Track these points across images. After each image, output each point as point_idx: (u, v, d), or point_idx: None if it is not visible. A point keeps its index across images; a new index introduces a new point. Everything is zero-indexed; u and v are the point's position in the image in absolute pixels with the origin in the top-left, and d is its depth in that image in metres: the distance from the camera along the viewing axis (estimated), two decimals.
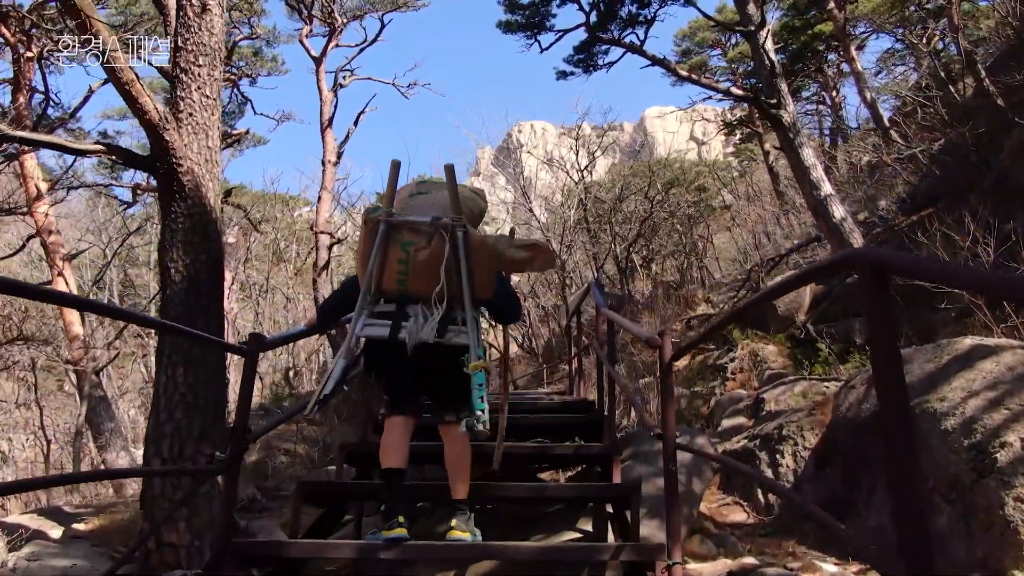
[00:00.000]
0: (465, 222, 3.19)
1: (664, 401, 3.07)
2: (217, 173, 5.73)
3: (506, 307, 3.65)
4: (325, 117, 16.31)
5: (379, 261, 3.23)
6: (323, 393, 3.28)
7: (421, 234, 3.21)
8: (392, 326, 3.25)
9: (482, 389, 3.17)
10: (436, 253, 3.18)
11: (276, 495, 7.09)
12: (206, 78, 5.68)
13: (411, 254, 3.19)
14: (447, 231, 3.16)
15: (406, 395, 3.49)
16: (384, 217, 3.22)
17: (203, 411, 5.15)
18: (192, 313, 5.23)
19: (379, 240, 3.20)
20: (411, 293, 3.26)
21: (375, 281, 3.27)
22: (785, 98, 12.21)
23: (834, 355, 8.89)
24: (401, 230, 3.24)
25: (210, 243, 5.45)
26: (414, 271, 3.21)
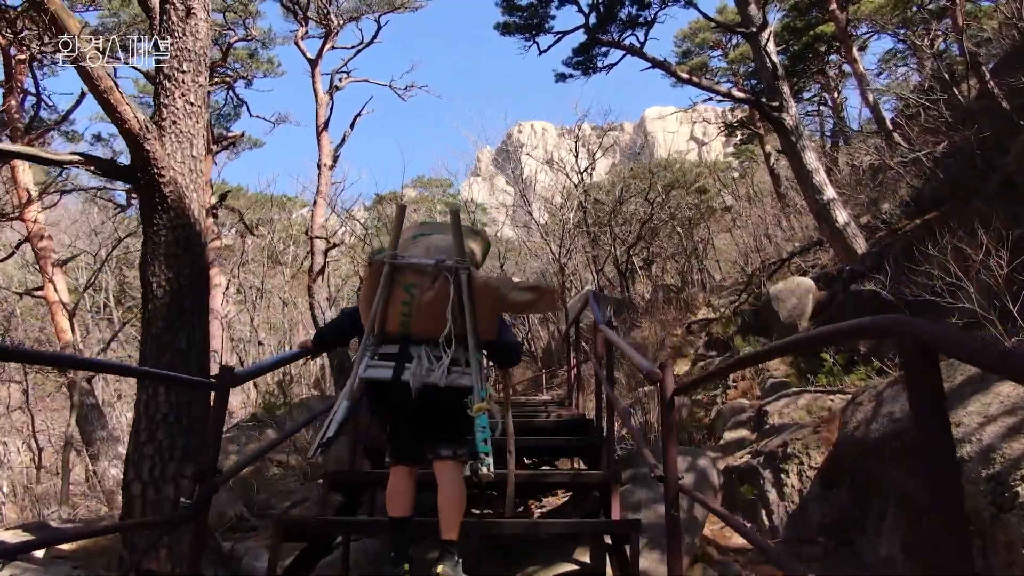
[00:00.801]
0: (468, 264, 3.20)
1: (666, 440, 2.88)
2: (202, 183, 5.53)
3: (506, 351, 3.61)
4: (321, 120, 16.12)
5: (383, 302, 3.23)
6: (326, 436, 3.26)
7: (425, 276, 3.22)
8: (395, 368, 3.22)
9: (486, 432, 3.18)
10: (440, 295, 3.18)
11: (265, 513, 6.89)
12: (190, 84, 5.48)
13: (415, 296, 3.20)
14: (451, 273, 3.17)
15: (409, 443, 3.47)
16: (389, 259, 3.23)
17: (186, 432, 4.96)
18: (175, 328, 5.05)
19: (383, 282, 3.21)
20: (414, 335, 3.25)
21: (378, 322, 3.26)
22: (787, 101, 12.04)
23: (839, 366, 8.68)
24: (405, 272, 3.24)
25: (194, 256, 5.25)
26: (418, 313, 3.21)
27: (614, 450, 4.49)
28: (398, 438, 3.47)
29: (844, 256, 11.52)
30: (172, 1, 5.50)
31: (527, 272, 25.25)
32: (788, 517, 5.62)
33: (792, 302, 11.58)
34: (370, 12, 18.22)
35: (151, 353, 5.04)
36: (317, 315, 14.32)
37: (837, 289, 11.40)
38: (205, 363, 5.36)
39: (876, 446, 4.92)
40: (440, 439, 3.37)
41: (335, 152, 16.43)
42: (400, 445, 3.47)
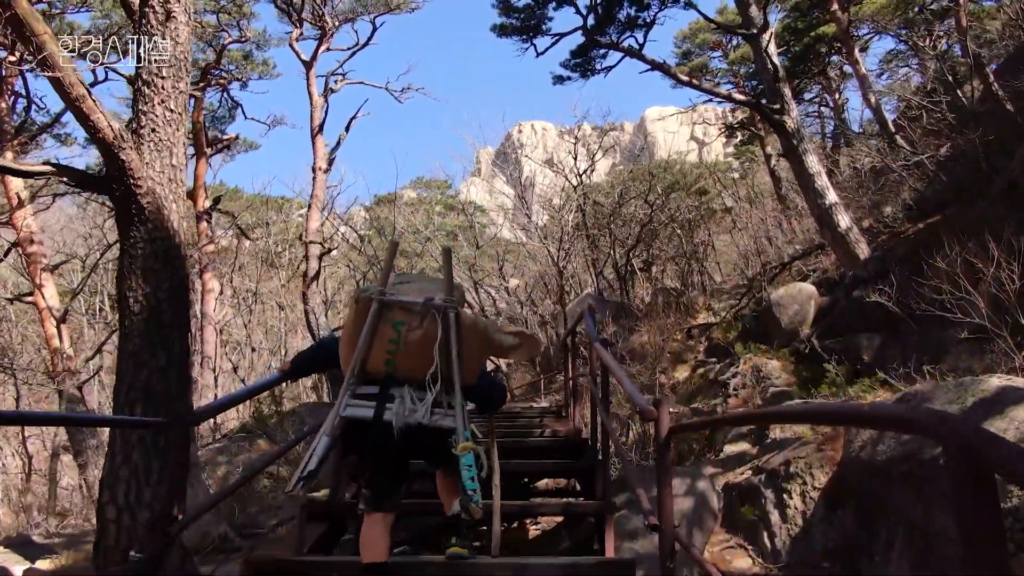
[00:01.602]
0: (457, 304, 3.22)
1: (661, 484, 2.68)
2: (182, 193, 5.32)
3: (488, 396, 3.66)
4: (315, 123, 15.92)
5: (368, 340, 3.20)
6: (307, 469, 3.15)
7: (413, 314, 3.22)
8: (376, 407, 3.19)
9: (472, 470, 3.11)
10: (428, 333, 3.17)
11: (252, 532, 6.67)
12: (170, 91, 5.27)
13: (402, 334, 3.19)
14: (439, 312, 3.18)
15: (388, 491, 3.39)
16: (377, 296, 3.21)
17: (163, 453, 4.74)
18: (153, 345, 4.83)
19: (371, 319, 3.18)
20: (398, 374, 3.23)
21: (360, 361, 3.22)
22: (788, 103, 11.85)
23: (841, 376, 8.48)
24: (393, 309, 3.23)
25: (173, 269, 5.04)
26: (404, 351, 3.20)
27: (609, 477, 4.29)
28: (377, 480, 3.39)
29: (846, 261, 11.33)
30: (151, 4, 5.29)
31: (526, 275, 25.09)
32: (791, 540, 5.41)
33: (794, 308, 11.39)
34: (365, 13, 18.03)
35: (128, 371, 4.83)
36: (312, 321, 14.13)
37: (839, 295, 11.22)
38: (186, 381, 5.15)
39: (883, 469, 4.72)
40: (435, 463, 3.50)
41: (330, 155, 16.23)
42: (378, 488, 3.38)
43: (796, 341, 10.82)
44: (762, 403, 9.58)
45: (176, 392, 4.92)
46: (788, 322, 11.23)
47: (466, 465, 3.08)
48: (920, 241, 10.81)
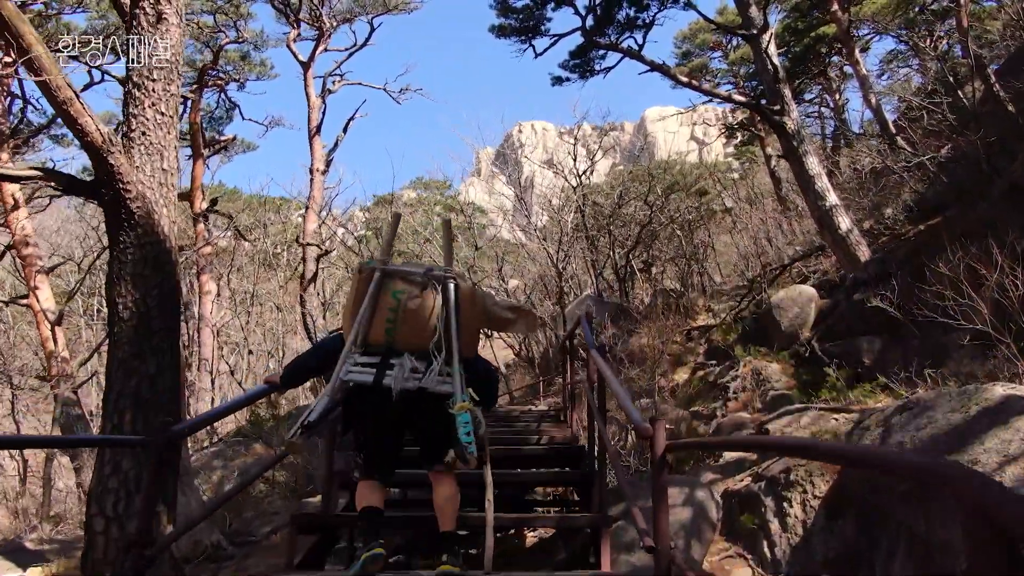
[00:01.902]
0: (456, 275, 3.31)
1: (657, 505, 2.60)
2: (173, 197, 5.25)
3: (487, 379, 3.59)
4: (313, 124, 15.83)
5: (369, 309, 3.26)
6: (308, 420, 3.19)
7: (414, 284, 3.30)
8: (376, 373, 3.22)
9: (468, 426, 3.13)
10: (427, 303, 3.25)
11: (245, 540, 6.58)
12: (161, 94, 5.20)
13: (402, 302, 3.26)
14: (439, 282, 3.27)
15: (382, 461, 3.47)
16: (380, 265, 3.31)
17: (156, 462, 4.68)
18: (142, 353, 4.76)
19: (372, 288, 3.26)
20: (397, 344, 3.28)
21: (362, 331, 3.28)
22: (788, 104, 11.77)
23: (842, 380, 8.40)
24: (394, 279, 3.32)
25: (163, 275, 4.97)
26: (403, 320, 3.26)
27: (605, 489, 4.20)
28: (373, 449, 3.44)
29: (847, 263, 11.25)
30: (142, 5, 5.22)
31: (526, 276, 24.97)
32: (791, 549, 5.32)
33: (794, 311, 11.31)
34: (363, 14, 17.92)
35: (117, 378, 4.76)
36: (309, 323, 14.04)
37: (840, 298, 11.14)
38: (177, 388, 5.08)
39: (884, 480, 4.64)
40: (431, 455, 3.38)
41: (327, 157, 16.14)
42: (373, 458, 3.44)
43: (796, 344, 10.73)
44: (762, 407, 9.50)
45: (166, 399, 4.85)
46: (788, 325, 11.15)
47: (462, 422, 3.11)
48: (921, 243, 10.74)
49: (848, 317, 10.12)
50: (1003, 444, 3.93)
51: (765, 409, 9.29)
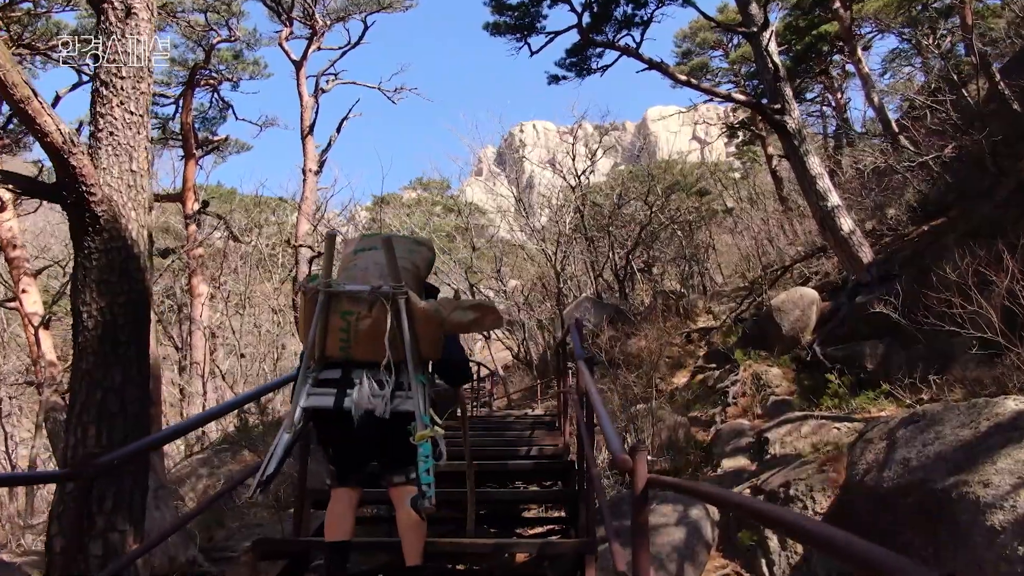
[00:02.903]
0: (405, 289, 3.10)
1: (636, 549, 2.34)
2: (144, 200, 5.01)
3: (453, 369, 3.58)
4: (306, 123, 15.59)
5: (321, 330, 3.14)
6: (266, 473, 3.09)
7: (361, 303, 3.14)
8: (337, 394, 3.14)
9: (429, 462, 3.06)
10: (378, 322, 3.10)
11: (223, 556, 6.32)
12: (130, 92, 4.96)
13: (352, 323, 3.13)
14: (387, 300, 3.10)
15: (352, 466, 3.38)
16: (323, 287, 3.12)
17: (117, 480, 4.44)
18: (108, 364, 4.52)
19: (319, 310, 3.11)
20: (355, 358, 3.18)
21: (319, 348, 3.18)
22: (790, 103, 11.52)
23: (844, 387, 8.16)
24: (341, 299, 3.16)
25: (131, 283, 4.72)
26: (356, 339, 3.14)
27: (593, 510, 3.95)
28: (341, 461, 3.37)
29: (849, 265, 11.01)
30: (110, 0, 4.98)
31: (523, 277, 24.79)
32: (791, 569, 5.07)
33: (795, 314, 11.09)
34: (357, 12, 17.66)
35: (82, 391, 4.52)
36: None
37: (841, 300, 10.91)
38: (147, 401, 4.84)
39: (889, 499, 4.39)
40: (391, 466, 3.33)
41: (321, 157, 15.91)
42: (343, 468, 3.37)
43: (797, 348, 10.52)
44: (762, 413, 9.27)
45: (134, 414, 4.62)
46: (789, 328, 10.93)
47: (423, 456, 3.03)
48: (925, 244, 10.52)
49: (850, 320, 9.91)
50: (1017, 465, 3.67)
51: (765, 415, 9.07)
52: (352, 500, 3.36)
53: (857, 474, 4.95)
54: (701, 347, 14.10)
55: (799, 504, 5.32)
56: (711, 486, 1.95)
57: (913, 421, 4.77)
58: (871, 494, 4.64)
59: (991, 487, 3.65)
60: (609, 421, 3.06)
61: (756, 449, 7.47)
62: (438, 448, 3.12)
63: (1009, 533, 3.44)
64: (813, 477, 5.46)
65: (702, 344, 14.24)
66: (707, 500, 2.15)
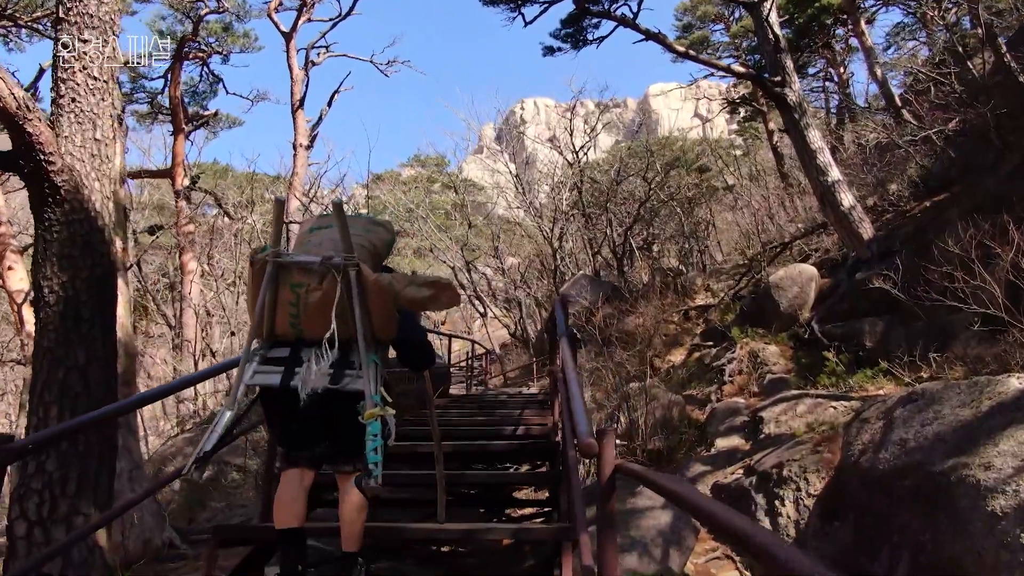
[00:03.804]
0: (357, 261, 2.95)
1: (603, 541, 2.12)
2: (109, 170, 4.80)
3: (411, 349, 3.40)
4: (296, 97, 15.31)
5: (270, 303, 2.99)
6: (203, 450, 2.93)
7: (312, 275, 2.98)
8: (284, 372, 2.97)
9: (377, 440, 2.91)
10: (328, 294, 2.95)
11: (200, 539, 6.13)
12: (94, 56, 4.73)
13: (301, 296, 2.98)
14: (338, 271, 2.95)
15: (301, 444, 3.19)
16: (272, 257, 2.97)
17: (83, 460, 4.27)
18: (69, 342, 4.34)
19: (267, 281, 2.96)
20: (306, 336, 3.02)
21: (267, 324, 3.04)
22: (790, 75, 11.23)
23: (842, 365, 7.97)
24: (291, 270, 3.00)
25: (95, 257, 4.53)
26: (306, 313, 2.99)
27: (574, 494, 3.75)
28: (289, 440, 3.21)
29: (849, 241, 10.78)
30: None
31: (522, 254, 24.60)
32: None
33: (793, 291, 10.87)
34: None
35: (43, 369, 4.34)
36: None
37: (841, 277, 10.72)
38: (111, 382, 4.65)
39: (885, 481, 4.19)
40: (339, 452, 3.20)
41: (312, 132, 15.62)
42: (291, 447, 3.20)
43: (795, 325, 10.34)
44: (758, 391, 9.11)
45: (98, 393, 4.43)
46: (787, 305, 10.73)
47: (371, 435, 2.90)
48: (927, 220, 10.32)
49: (850, 297, 9.73)
50: (1020, 447, 3.46)
51: (762, 393, 8.90)
52: (303, 482, 3.20)
53: (852, 455, 4.75)
54: (699, 325, 13.91)
55: (792, 486, 5.12)
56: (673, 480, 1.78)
57: (911, 400, 4.58)
58: (866, 476, 4.44)
59: (992, 470, 3.44)
60: (581, 401, 2.85)
61: (751, 428, 7.29)
62: (387, 428, 2.98)
63: (1011, 520, 3.24)
64: (807, 458, 5.27)
65: (700, 322, 14.05)
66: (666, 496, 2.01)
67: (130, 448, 5.81)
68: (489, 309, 22.88)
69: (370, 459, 2.90)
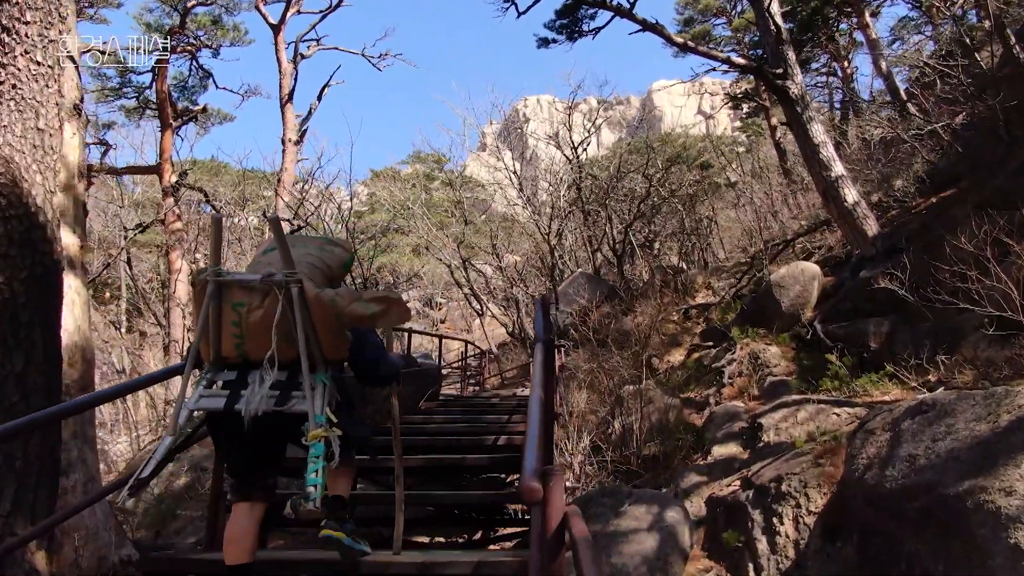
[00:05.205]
0: (299, 277, 2.84)
1: None
2: (53, 162, 4.45)
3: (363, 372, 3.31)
4: (285, 91, 14.97)
5: (214, 324, 2.91)
6: (139, 477, 2.79)
7: (254, 293, 2.90)
8: (229, 396, 2.88)
9: (319, 463, 2.80)
10: (270, 313, 2.86)
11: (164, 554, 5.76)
12: (37, 39, 4.39)
13: (243, 315, 2.89)
14: (280, 288, 2.84)
15: (251, 476, 3.02)
16: (212, 276, 2.87)
17: (19, 476, 3.94)
18: (7, 348, 4.00)
19: (208, 301, 2.87)
20: (251, 357, 2.92)
21: (213, 347, 2.94)
22: (792, 68, 10.88)
23: (845, 368, 7.62)
24: (232, 289, 2.92)
25: (36, 255, 4.18)
26: (249, 334, 2.90)
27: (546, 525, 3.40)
28: (238, 470, 3.07)
29: (853, 238, 10.44)
30: None
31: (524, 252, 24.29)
32: (780, 575, 4.53)
33: (795, 290, 10.52)
34: None
35: None
36: None
37: (845, 275, 10.37)
38: (54, 391, 4.31)
39: (893, 501, 3.83)
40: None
41: (301, 126, 15.27)
42: (240, 477, 3.04)
43: (797, 325, 10.00)
44: (759, 393, 8.76)
45: (38, 402, 4.09)
46: (789, 304, 10.38)
47: (313, 456, 2.79)
48: (933, 217, 9.99)
49: (854, 296, 9.39)
50: None
51: (762, 396, 8.57)
52: (255, 515, 3.01)
53: (856, 469, 4.38)
54: (699, 324, 13.58)
55: (792, 502, 4.75)
56: None
57: (921, 411, 4.21)
58: (871, 494, 4.07)
59: (1016, 496, 3.07)
60: (538, 426, 2.48)
61: (750, 435, 6.94)
62: (330, 450, 2.84)
63: None
64: (808, 471, 4.91)
65: (700, 321, 13.72)
66: None
67: (85, 459, 5.46)
68: (487, 308, 22.57)
69: (309, 481, 2.77)
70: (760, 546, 4.71)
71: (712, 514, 5.41)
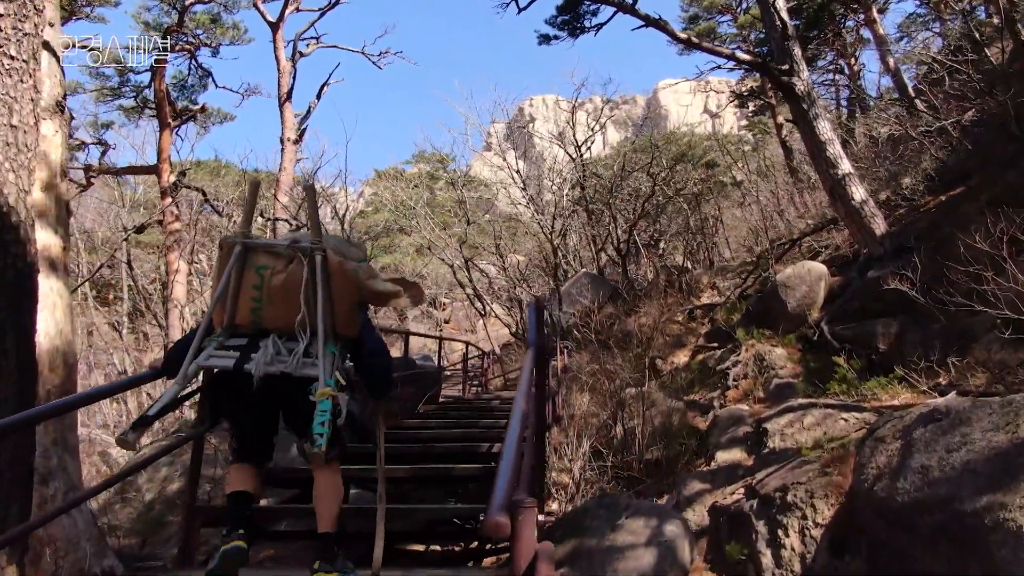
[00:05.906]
0: (324, 246, 2.96)
1: None
2: (28, 160, 4.27)
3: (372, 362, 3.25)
4: (283, 90, 14.84)
5: (233, 287, 2.99)
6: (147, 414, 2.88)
7: (279, 258, 3.02)
8: (239, 357, 2.95)
9: (325, 415, 2.82)
10: (293, 278, 2.97)
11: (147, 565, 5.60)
12: (10, 32, 4.21)
13: (266, 278, 2.99)
14: (305, 255, 2.95)
15: (254, 440, 3.18)
16: (240, 239, 3.01)
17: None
18: None
19: (233, 262, 2.98)
20: (266, 324, 3.02)
21: (228, 312, 3.02)
22: (798, 64, 10.67)
23: (853, 371, 7.41)
24: (258, 253, 3.04)
25: (7, 258, 4.01)
26: (268, 297, 2.99)
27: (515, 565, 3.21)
28: (242, 434, 3.18)
29: (860, 237, 10.23)
30: None
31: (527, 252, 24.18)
32: None
33: (802, 290, 10.32)
34: None
35: None
36: None
37: (852, 275, 10.18)
38: (26, 400, 4.13)
39: (904, 514, 3.63)
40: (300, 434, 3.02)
41: (300, 125, 15.12)
42: (244, 442, 3.18)
43: (804, 326, 9.81)
44: (764, 396, 8.57)
45: (8, 411, 3.91)
46: (795, 305, 10.19)
47: (320, 410, 2.82)
48: (942, 215, 9.80)
49: (861, 297, 9.20)
50: None
51: (768, 399, 8.37)
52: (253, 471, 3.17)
53: (866, 480, 4.18)
54: (704, 324, 13.40)
55: (798, 513, 4.55)
56: None
57: (933, 419, 4.00)
58: (882, 506, 3.86)
59: None
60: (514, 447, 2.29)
61: (754, 440, 6.75)
62: (338, 407, 2.87)
63: None
64: (815, 481, 4.70)
65: (705, 321, 13.54)
66: None
67: (66, 467, 5.30)
68: (490, 308, 22.43)
69: (315, 430, 2.80)
70: (764, 560, 4.51)
71: (715, 524, 5.22)
